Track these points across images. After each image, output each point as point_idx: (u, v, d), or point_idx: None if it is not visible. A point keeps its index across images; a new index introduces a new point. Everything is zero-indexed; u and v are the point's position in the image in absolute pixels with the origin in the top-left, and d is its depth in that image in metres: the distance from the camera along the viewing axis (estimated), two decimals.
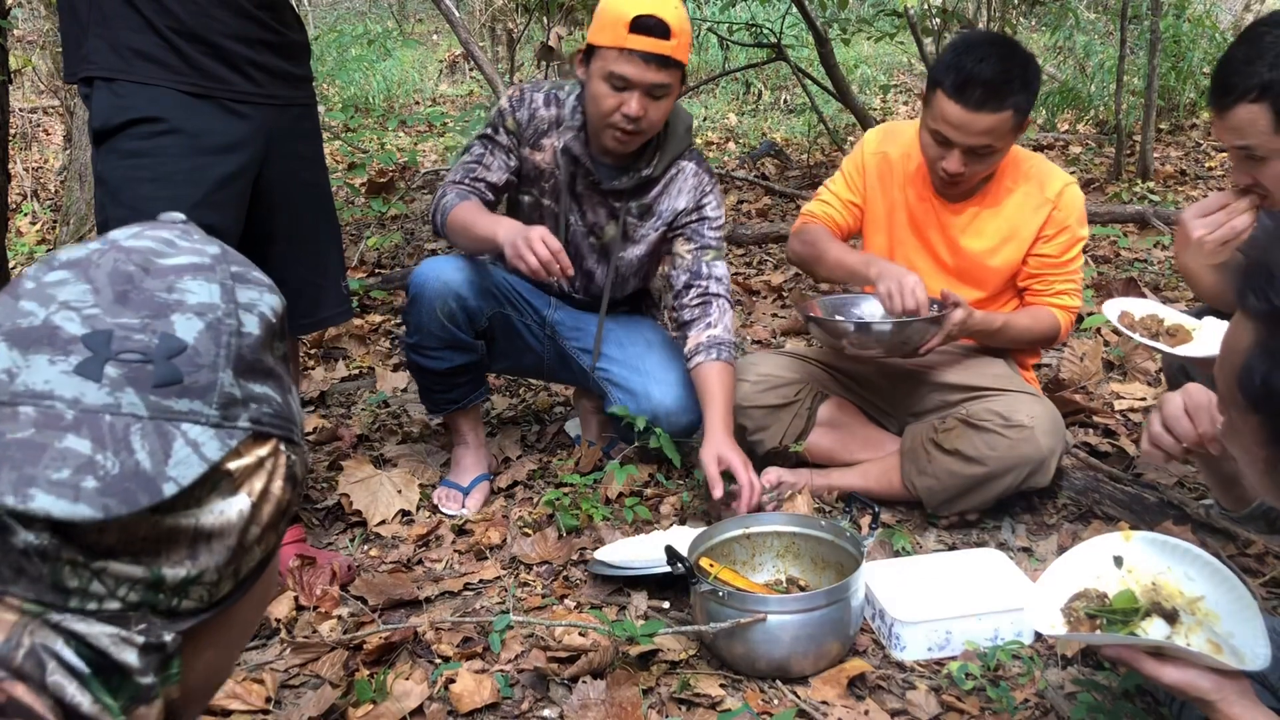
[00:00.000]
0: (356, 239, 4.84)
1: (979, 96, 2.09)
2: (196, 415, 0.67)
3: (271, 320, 0.74)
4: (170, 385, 0.66)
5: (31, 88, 7.88)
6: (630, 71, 2.13)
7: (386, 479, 2.46)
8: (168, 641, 0.67)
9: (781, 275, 4.30)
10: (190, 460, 0.65)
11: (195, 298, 0.69)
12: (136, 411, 0.65)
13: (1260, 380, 0.97)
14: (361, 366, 3.43)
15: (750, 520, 2.06)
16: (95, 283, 0.67)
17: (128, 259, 0.69)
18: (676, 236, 2.41)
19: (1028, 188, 2.31)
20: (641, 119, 2.18)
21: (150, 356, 0.66)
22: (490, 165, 2.35)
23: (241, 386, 0.69)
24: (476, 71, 8.80)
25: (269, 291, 0.75)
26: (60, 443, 0.62)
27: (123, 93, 1.87)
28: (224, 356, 0.68)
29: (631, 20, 2.10)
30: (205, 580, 0.68)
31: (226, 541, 0.69)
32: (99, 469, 0.62)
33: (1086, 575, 1.48)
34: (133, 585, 0.65)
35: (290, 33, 2.05)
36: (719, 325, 2.33)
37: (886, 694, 1.76)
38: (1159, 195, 5.25)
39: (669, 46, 2.12)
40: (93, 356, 0.64)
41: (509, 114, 2.35)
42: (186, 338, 0.67)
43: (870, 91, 8.73)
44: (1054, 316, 2.34)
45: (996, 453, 2.17)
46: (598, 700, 1.69)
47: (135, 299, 0.67)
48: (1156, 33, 5.52)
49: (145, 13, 1.87)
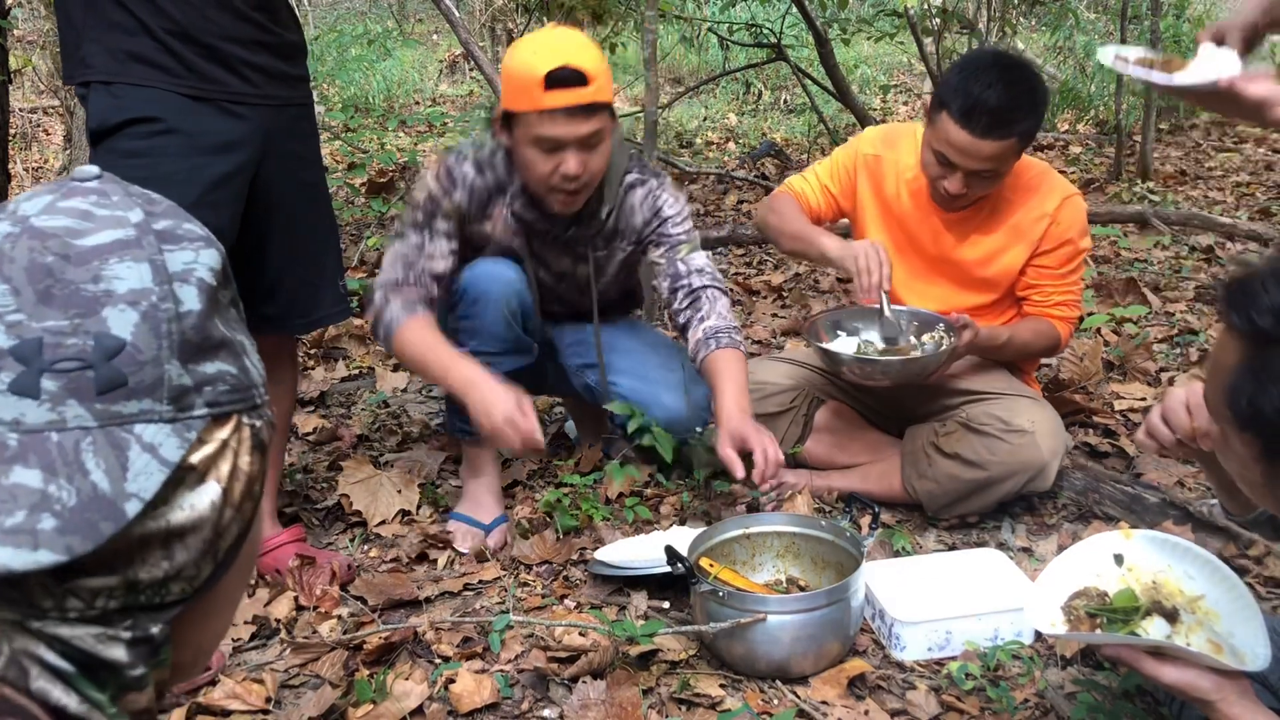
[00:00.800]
0: (356, 239, 4.84)
1: (985, 124, 2.06)
2: (149, 414, 0.62)
3: (211, 282, 0.68)
4: (115, 389, 0.61)
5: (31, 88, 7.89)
6: (557, 131, 2.00)
7: (386, 479, 2.46)
8: (155, 633, 0.65)
9: (781, 275, 4.30)
10: (150, 469, 0.61)
11: (125, 284, 0.63)
12: (84, 423, 0.60)
13: (1247, 401, 0.98)
14: (361, 366, 3.43)
15: (750, 520, 2.06)
16: (13, 281, 0.61)
17: (44, 247, 0.63)
18: (647, 246, 2.32)
19: (1027, 199, 2.28)
20: (582, 174, 2.06)
21: (88, 361, 0.61)
22: (433, 254, 2.17)
23: (191, 372, 0.65)
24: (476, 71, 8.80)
25: (205, 245, 0.69)
26: (7, 478, 0.58)
27: (120, 94, 1.88)
28: (166, 346, 0.63)
29: (544, 78, 1.95)
30: (184, 575, 0.66)
31: (201, 534, 0.66)
32: (54, 503, 0.58)
33: (1087, 573, 1.49)
34: (110, 594, 0.62)
35: (286, 33, 2.05)
36: (711, 315, 2.24)
37: (886, 694, 1.76)
38: (1159, 195, 5.25)
39: (590, 93, 1.99)
40: (25, 370, 0.59)
41: (442, 198, 2.17)
42: (123, 334, 0.62)
43: (870, 91, 8.73)
44: (1053, 328, 2.32)
45: (997, 457, 2.16)
46: (598, 700, 1.69)
47: (60, 295, 0.61)
48: (1156, 32, 5.52)
49: (140, 15, 1.87)
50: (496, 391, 2.00)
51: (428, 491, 2.47)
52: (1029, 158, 2.35)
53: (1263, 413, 0.97)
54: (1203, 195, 5.35)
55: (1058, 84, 7.66)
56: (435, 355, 2.09)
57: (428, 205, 2.18)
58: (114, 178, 0.70)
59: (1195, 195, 5.35)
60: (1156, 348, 3.24)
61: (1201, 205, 5.09)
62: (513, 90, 2.01)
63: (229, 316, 0.70)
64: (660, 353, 2.46)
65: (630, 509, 2.27)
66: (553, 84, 1.96)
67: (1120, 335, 3.31)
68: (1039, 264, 2.29)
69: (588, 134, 2.01)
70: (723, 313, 2.25)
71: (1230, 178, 5.72)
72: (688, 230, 2.30)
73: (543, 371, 2.43)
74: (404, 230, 2.20)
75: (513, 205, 2.20)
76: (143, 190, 0.70)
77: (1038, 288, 2.32)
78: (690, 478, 2.44)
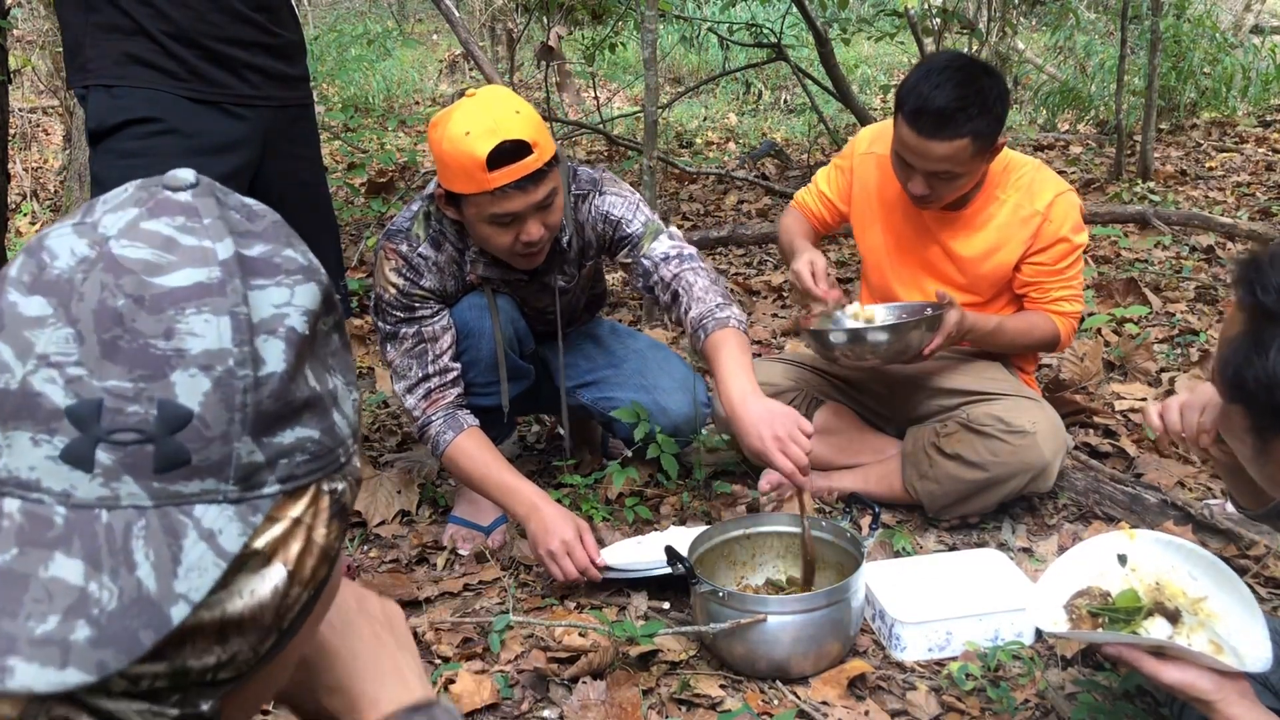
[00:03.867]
0: (356, 239, 4.84)
1: (931, 125, 2.06)
2: (211, 495, 0.56)
3: (303, 332, 0.60)
4: (176, 468, 0.55)
5: (31, 88, 7.88)
6: (511, 206, 1.92)
7: (386, 479, 2.46)
8: (205, 710, 0.59)
9: (781, 275, 4.30)
10: (204, 563, 0.54)
11: (199, 343, 0.56)
12: (138, 502, 0.54)
13: (1233, 371, 1.04)
14: (361, 367, 3.43)
15: (750, 521, 2.05)
16: (79, 324, 0.55)
17: (117, 285, 0.56)
18: (615, 252, 2.25)
19: (1018, 198, 2.28)
20: (545, 235, 2.00)
21: (149, 434, 0.54)
22: (434, 335, 2.12)
23: (265, 446, 0.57)
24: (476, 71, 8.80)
25: (303, 279, 0.61)
26: (46, 570, 0.52)
27: (119, 95, 1.88)
28: (239, 420, 0.56)
29: (486, 160, 1.86)
30: (240, 659, 0.59)
31: (261, 622, 0.59)
32: (92, 606, 0.52)
33: (1090, 572, 1.48)
34: (155, 678, 0.56)
35: (286, 33, 2.04)
36: (693, 305, 2.10)
37: (887, 694, 1.76)
38: (1159, 195, 5.25)
39: (534, 159, 1.90)
40: (81, 437, 0.54)
41: (413, 290, 2.10)
42: (191, 404, 0.55)
43: (870, 91, 8.72)
44: (1051, 322, 2.31)
45: (998, 458, 2.16)
46: (598, 701, 1.69)
47: (126, 350, 0.55)
48: (1157, 32, 5.52)
49: (139, 18, 1.87)
50: (556, 520, 1.99)
51: (427, 492, 2.47)
52: (1020, 155, 2.35)
53: (1245, 383, 1.01)
54: (1203, 195, 5.35)
55: (1058, 84, 7.66)
56: (495, 480, 2.07)
57: (401, 300, 2.10)
58: (211, 186, 0.62)
59: (1196, 195, 5.34)
60: (1157, 348, 3.24)
61: (1202, 205, 5.09)
62: (454, 174, 1.93)
63: (325, 353, 0.63)
64: (654, 356, 2.45)
65: (630, 509, 2.27)
66: (496, 163, 1.87)
67: (1120, 335, 3.31)
68: (1034, 261, 2.29)
69: (542, 198, 1.95)
70: (701, 296, 2.11)
71: (1231, 178, 5.72)
72: (643, 221, 2.20)
73: (537, 392, 2.40)
74: (392, 332, 2.13)
75: (475, 270, 2.14)
76: (244, 202, 0.63)
77: (1035, 285, 2.32)
78: (690, 478, 2.44)
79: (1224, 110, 7.44)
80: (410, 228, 2.12)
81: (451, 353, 2.14)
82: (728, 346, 2.02)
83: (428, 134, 1.99)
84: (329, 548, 0.63)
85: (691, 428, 2.38)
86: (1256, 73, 7.55)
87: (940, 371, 2.38)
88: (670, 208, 5.41)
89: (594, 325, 2.52)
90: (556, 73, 7.61)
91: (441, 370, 2.13)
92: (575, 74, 8.10)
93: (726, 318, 2.07)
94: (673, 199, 5.63)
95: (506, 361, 2.20)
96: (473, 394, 2.19)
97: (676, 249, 2.18)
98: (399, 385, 2.14)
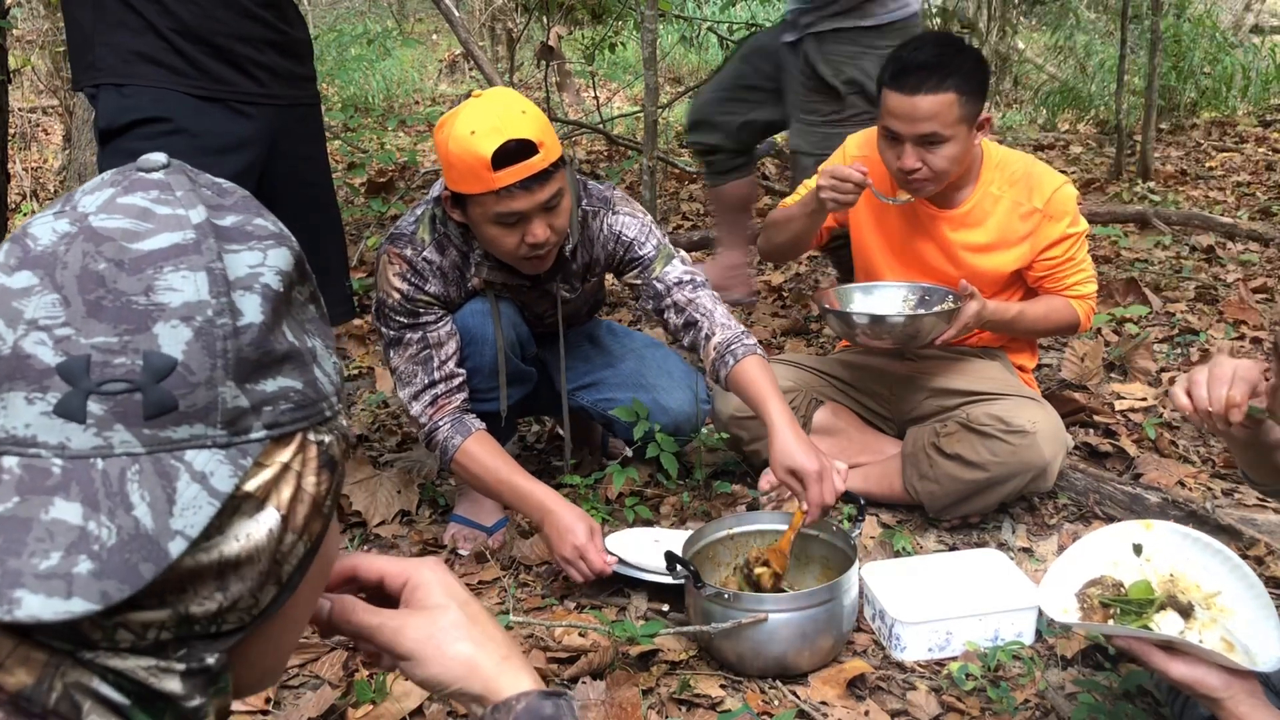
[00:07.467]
0: (356, 239, 4.84)
1: (915, 80, 2.10)
2: (200, 440, 0.58)
3: (278, 288, 0.63)
4: (164, 414, 0.57)
5: (31, 88, 7.88)
6: (517, 206, 1.91)
7: (386, 479, 2.46)
8: (211, 663, 0.62)
9: (781, 275, 4.30)
10: (198, 502, 0.58)
11: (178, 296, 0.59)
12: (131, 449, 0.57)
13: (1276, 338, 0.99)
14: (361, 366, 3.43)
15: (735, 520, 2.07)
16: (64, 289, 0.58)
17: (98, 251, 0.59)
18: (623, 272, 2.23)
19: (1015, 194, 2.29)
20: (550, 237, 1.99)
21: (136, 383, 0.57)
22: (439, 340, 2.11)
23: (249, 392, 0.60)
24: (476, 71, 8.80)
25: (275, 244, 0.65)
26: (47, 513, 0.55)
27: (129, 94, 1.88)
28: (221, 367, 0.59)
29: (491, 159, 1.85)
30: (241, 605, 0.62)
31: (258, 564, 0.62)
32: (93, 543, 0.55)
33: (1104, 561, 1.47)
34: (161, 627, 0.59)
35: (293, 30, 2.04)
36: (716, 330, 2.12)
37: (887, 694, 1.76)
38: (1160, 195, 5.25)
39: (540, 159, 1.89)
40: (72, 391, 0.57)
41: (417, 295, 2.09)
42: (174, 352, 0.58)
43: None
44: (1070, 306, 2.34)
45: (998, 458, 2.16)
46: (598, 700, 1.69)
47: (110, 308, 0.58)
48: (1157, 32, 5.52)
49: (148, 16, 1.87)
50: (569, 522, 1.99)
51: (427, 492, 2.47)
52: (1012, 151, 2.36)
53: None
54: (1203, 195, 5.34)
55: (1058, 84, 7.66)
56: (506, 483, 2.06)
57: (405, 305, 2.09)
58: (183, 166, 0.66)
59: (1196, 195, 5.34)
60: (1157, 348, 3.24)
61: (1202, 205, 5.08)
62: (459, 175, 1.91)
63: (302, 318, 0.66)
64: (651, 354, 2.45)
65: (630, 509, 2.27)
66: (501, 163, 1.86)
67: (1121, 335, 3.30)
68: (1045, 258, 2.31)
69: (547, 199, 1.93)
70: (723, 321, 2.14)
71: (1231, 177, 5.72)
72: (655, 244, 2.19)
73: (536, 394, 2.39)
74: (396, 338, 2.11)
75: (480, 274, 2.13)
76: (214, 180, 0.67)
77: (1049, 276, 2.34)
78: (690, 477, 2.44)
79: (1224, 110, 7.44)
80: (415, 231, 2.11)
81: (456, 358, 2.13)
82: (768, 373, 2.05)
83: (434, 135, 1.99)
84: (319, 498, 0.65)
85: (692, 425, 2.38)
86: (1256, 72, 7.55)
87: (940, 371, 2.38)
88: (670, 208, 5.40)
89: (591, 325, 2.52)
90: (556, 72, 7.60)
91: (447, 376, 2.12)
92: (575, 74, 8.10)
93: (753, 344, 2.11)
94: (673, 199, 5.63)
95: (509, 365, 2.19)
96: (476, 399, 2.18)
97: (689, 274, 2.19)
98: (404, 391, 2.13)
